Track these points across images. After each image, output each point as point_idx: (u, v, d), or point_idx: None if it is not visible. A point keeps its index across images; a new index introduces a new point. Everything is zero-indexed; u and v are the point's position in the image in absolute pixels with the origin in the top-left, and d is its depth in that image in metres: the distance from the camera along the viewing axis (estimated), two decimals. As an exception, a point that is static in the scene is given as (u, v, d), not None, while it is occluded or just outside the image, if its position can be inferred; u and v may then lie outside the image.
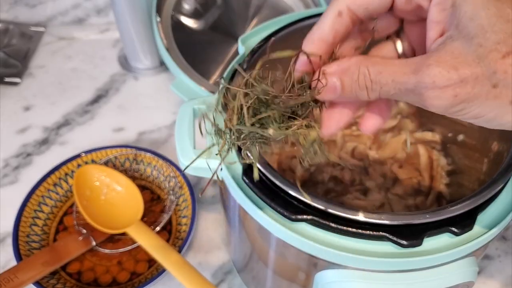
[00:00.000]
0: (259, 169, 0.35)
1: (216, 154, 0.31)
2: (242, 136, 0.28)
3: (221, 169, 0.37)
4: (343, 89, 0.22)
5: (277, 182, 0.34)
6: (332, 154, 0.37)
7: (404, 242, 0.32)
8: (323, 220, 0.33)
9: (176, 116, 0.42)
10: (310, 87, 0.26)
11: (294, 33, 0.46)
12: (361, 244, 0.33)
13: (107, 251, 0.52)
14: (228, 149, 0.30)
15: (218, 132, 0.30)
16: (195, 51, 0.66)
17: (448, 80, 0.19)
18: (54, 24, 0.80)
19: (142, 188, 0.58)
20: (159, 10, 0.65)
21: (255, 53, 0.43)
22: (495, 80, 0.19)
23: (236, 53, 0.66)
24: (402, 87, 0.20)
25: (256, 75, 0.27)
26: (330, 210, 0.32)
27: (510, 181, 0.36)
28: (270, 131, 0.26)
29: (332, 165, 0.51)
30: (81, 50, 0.77)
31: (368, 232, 0.32)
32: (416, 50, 0.25)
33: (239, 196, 0.36)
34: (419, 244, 0.32)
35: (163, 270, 0.48)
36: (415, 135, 0.53)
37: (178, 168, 0.57)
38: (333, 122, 0.26)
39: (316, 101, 0.26)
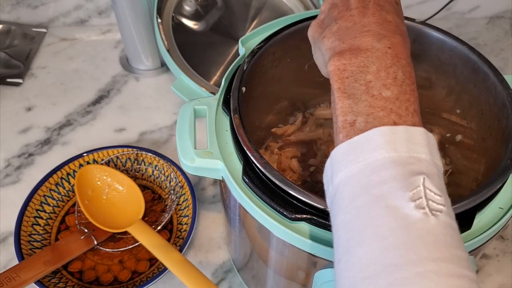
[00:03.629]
0: (259, 169, 0.35)
1: None
2: None
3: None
4: None
5: (277, 182, 0.34)
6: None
7: (403, 241, 0.32)
8: (323, 219, 0.33)
9: (177, 117, 0.42)
10: None
11: (294, 34, 0.46)
12: (360, 243, 0.33)
13: (108, 250, 0.53)
14: None
15: None
16: (196, 52, 0.66)
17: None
18: (56, 25, 0.81)
19: (143, 188, 0.58)
20: (160, 12, 0.66)
21: (255, 54, 0.43)
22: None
23: (237, 54, 0.66)
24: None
25: None
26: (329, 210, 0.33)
27: (507, 181, 0.36)
28: None
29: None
30: (83, 51, 0.78)
31: (367, 231, 0.33)
32: None
33: (239, 196, 0.36)
34: (417, 243, 0.33)
35: (164, 269, 0.48)
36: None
37: (179, 168, 0.57)
38: None
39: None
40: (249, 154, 0.36)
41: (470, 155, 0.46)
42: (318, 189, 0.50)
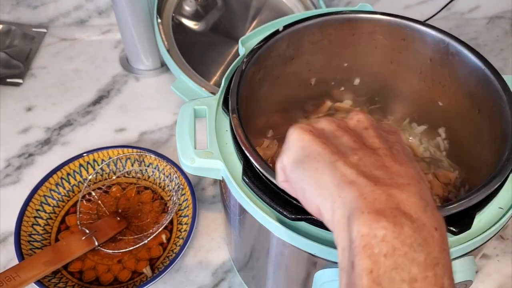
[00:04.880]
0: (258, 169, 0.35)
1: None
2: None
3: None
4: None
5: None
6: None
7: (403, 241, 0.32)
8: (323, 219, 0.33)
9: (177, 117, 0.42)
10: None
11: (294, 34, 0.46)
12: (360, 243, 0.33)
13: (109, 251, 0.53)
14: None
15: None
16: (196, 52, 0.66)
17: None
18: (56, 25, 0.81)
19: (144, 188, 0.58)
20: (160, 12, 0.66)
21: (255, 54, 0.43)
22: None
23: (236, 54, 0.66)
24: None
25: None
26: (329, 209, 0.33)
27: (507, 181, 0.36)
28: None
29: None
30: (83, 51, 0.78)
31: (366, 231, 0.33)
32: None
33: (239, 196, 0.36)
34: (417, 243, 0.33)
35: (164, 269, 0.48)
36: (413, 133, 0.53)
37: (179, 168, 0.57)
38: None
39: None
40: (249, 155, 0.36)
41: (470, 155, 0.46)
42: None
